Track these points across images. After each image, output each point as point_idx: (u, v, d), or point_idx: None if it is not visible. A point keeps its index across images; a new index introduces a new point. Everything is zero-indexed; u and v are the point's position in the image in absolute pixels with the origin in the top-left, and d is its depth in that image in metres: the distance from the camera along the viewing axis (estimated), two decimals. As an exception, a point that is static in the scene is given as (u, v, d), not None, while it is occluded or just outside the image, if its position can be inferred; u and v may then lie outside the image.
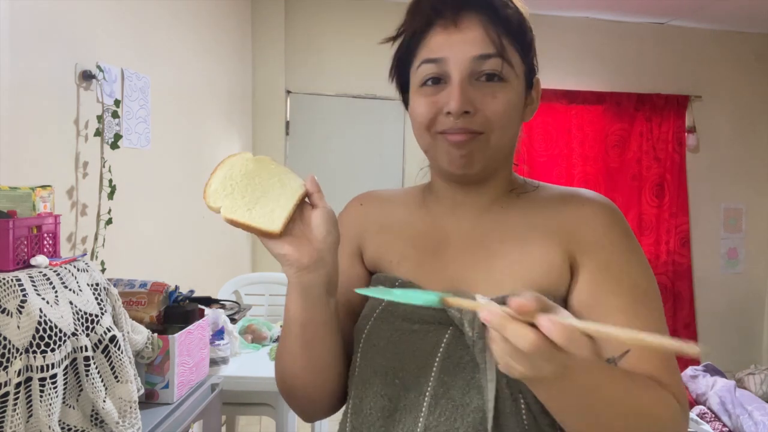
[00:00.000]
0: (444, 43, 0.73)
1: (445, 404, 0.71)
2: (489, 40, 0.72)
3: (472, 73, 0.72)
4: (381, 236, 0.85)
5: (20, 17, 1.47)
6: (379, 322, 0.77)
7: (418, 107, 0.76)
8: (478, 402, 0.70)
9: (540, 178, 4.18)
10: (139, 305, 1.48)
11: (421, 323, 0.75)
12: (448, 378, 0.72)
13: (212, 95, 2.93)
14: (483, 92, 0.72)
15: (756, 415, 2.49)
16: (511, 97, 0.74)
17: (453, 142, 0.73)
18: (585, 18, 4.02)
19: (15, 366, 0.97)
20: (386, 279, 0.81)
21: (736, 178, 4.25)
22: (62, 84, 1.65)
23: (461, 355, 0.72)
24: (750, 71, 4.23)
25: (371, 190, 0.93)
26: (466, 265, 0.78)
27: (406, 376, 0.73)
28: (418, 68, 0.76)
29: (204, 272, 2.80)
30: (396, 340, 0.75)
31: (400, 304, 0.75)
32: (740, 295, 4.28)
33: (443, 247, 0.81)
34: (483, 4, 0.73)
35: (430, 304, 0.57)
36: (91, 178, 1.78)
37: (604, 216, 0.77)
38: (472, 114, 0.72)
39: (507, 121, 0.74)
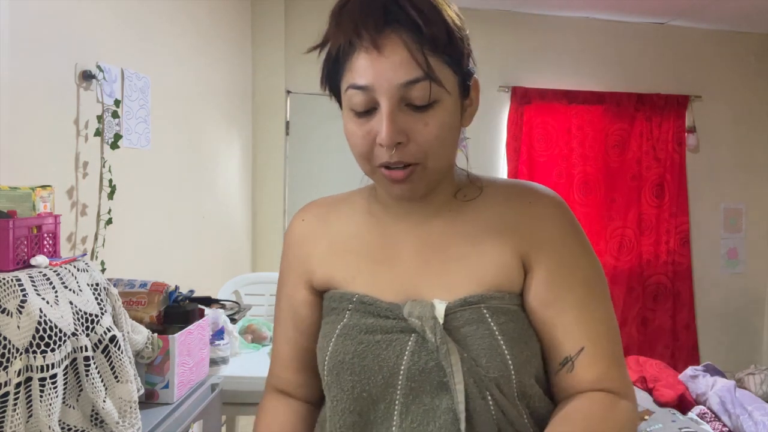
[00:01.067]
0: (368, 68, 0.69)
1: (416, 410, 0.72)
2: (414, 62, 0.68)
3: (402, 100, 0.70)
4: (330, 255, 0.83)
5: (20, 17, 1.47)
6: (342, 339, 0.76)
7: (352, 138, 0.74)
8: (448, 403, 0.71)
9: (540, 178, 4.19)
10: (139, 305, 1.48)
11: (383, 333, 0.75)
12: (415, 384, 0.72)
13: (212, 95, 2.93)
14: (414, 119, 0.70)
15: (756, 415, 2.49)
16: (444, 118, 0.72)
17: (390, 179, 0.73)
18: (585, 18, 4.02)
19: (15, 366, 0.97)
20: (342, 296, 0.80)
21: (736, 178, 4.25)
22: (62, 84, 1.65)
23: (426, 361, 0.72)
24: (750, 71, 4.23)
25: (314, 201, 0.91)
26: (421, 271, 0.78)
27: (373, 389, 0.73)
28: (346, 91, 0.73)
29: (204, 272, 2.80)
30: (360, 354, 0.74)
31: (361, 319, 0.76)
32: (740, 295, 4.28)
33: (396, 256, 0.80)
34: (405, 22, 0.68)
35: None
36: (91, 178, 1.78)
37: (554, 212, 0.79)
38: (405, 144, 0.71)
39: (442, 146, 0.73)
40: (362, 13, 0.69)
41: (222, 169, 3.11)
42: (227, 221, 3.21)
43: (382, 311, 0.76)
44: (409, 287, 0.77)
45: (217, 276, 2.90)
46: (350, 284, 0.80)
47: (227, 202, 3.21)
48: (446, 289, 0.76)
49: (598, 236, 4.06)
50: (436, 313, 0.73)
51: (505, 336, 0.72)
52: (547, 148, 4.00)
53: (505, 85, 3.96)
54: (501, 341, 0.72)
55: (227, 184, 3.20)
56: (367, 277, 0.80)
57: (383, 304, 0.76)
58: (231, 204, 3.27)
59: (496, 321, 0.73)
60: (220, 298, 2.40)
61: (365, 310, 0.77)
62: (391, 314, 0.75)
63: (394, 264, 0.80)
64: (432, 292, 0.76)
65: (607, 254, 4.07)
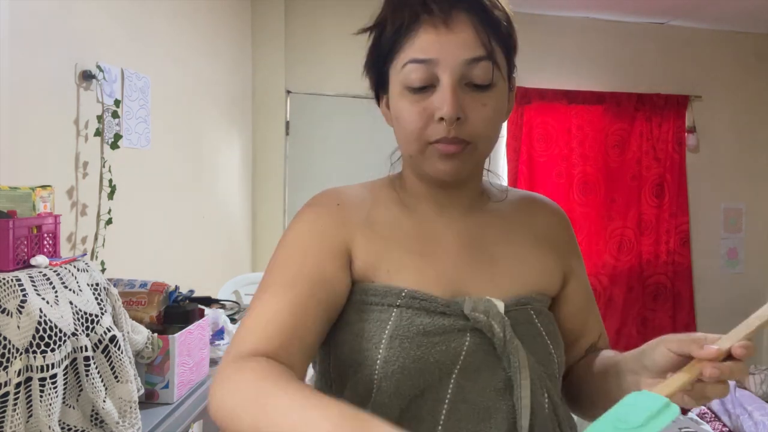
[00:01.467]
0: (434, 43, 0.70)
1: (465, 409, 0.69)
2: (480, 42, 0.70)
3: (463, 77, 0.70)
4: (372, 242, 0.76)
5: (20, 17, 1.47)
6: (399, 341, 0.69)
7: (406, 114, 0.72)
8: (507, 404, 0.70)
9: (540, 178, 4.19)
10: (139, 305, 1.48)
11: (441, 334, 0.70)
12: (466, 383, 0.70)
13: (212, 95, 2.92)
14: (473, 98, 0.71)
15: (756, 415, 2.49)
16: (499, 102, 0.74)
17: (444, 152, 0.72)
18: (585, 18, 4.02)
19: (15, 366, 0.97)
20: (388, 291, 0.72)
21: (736, 178, 4.25)
22: (62, 84, 1.65)
23: (481, 360, 0.71)
24: (750, 71, 4.23)
25: (337, 188, 0.82)
26: (467, 268, 0.77)
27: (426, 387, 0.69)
28: (403, 67, 0.72)
29: (204, 272, 2.80)
30: (419, 358, 0.69)
31: (414, 318, 0.70)
32: (740, 295, 4.28)
33: (437, 250, 0.77)
34: (473, 4, 0.71)
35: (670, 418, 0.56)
36: (91, 178, 1.78)
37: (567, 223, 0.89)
38: (463, 121, 0.71)
39: (495, 130, 0.75)
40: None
41: (222, 169, 3.11)
42: (227, 221, 3.21)
43: (438, 307, 0.71)
44: (455, 283, 0.75)
45: (217, 276, 2.90)
46: (394, 277, 0.73)
47: (227, 202, 3.21)
48: (492, 288, 0.76)
49: (597, 236, 4.06)
50: (497, 309, 0.73)
51: (549, 336, 0.76)
52: (547, 148, 4.00)
53: (505, 85, 3.96)
54: (548, 342, 0.75)
55: (227, 184, 3.20)
56: (411, 270, 0.74)
57: (440, 300, 0.72)
58: (231, 204, 3.27)
59: (542, 322, 0.76)
60: (220, 298, 2.40)
61: (418, 307, 0.71)
62: (449, 310, 0.71)
63: (437, 258, 0.76)
64: (480, 290, 0.75)
65: (606, 254, 4.07)
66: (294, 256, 0.74)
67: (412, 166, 0.80)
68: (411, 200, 0.81)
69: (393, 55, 0.74)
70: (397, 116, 0.75)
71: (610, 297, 4.08)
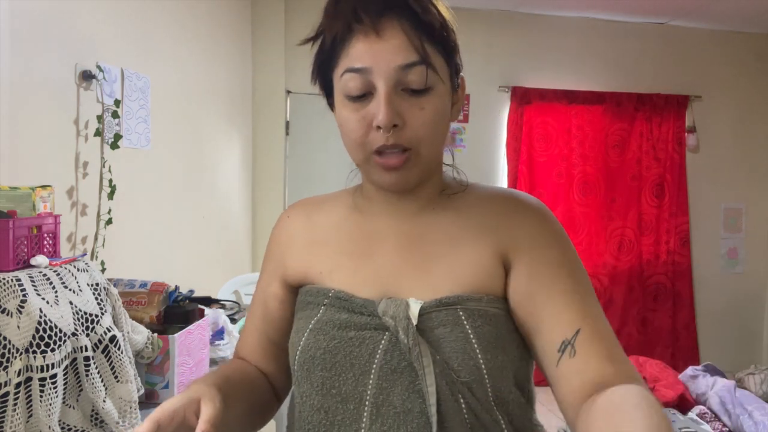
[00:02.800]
0: (366, 52, 0.71)
1: (386, 412, 0.70)
2: (412, 47, 0.70)
3: (398, 83, 0.71)
4: (308, 249, 0.83)
5: (20, 17, 1.47)
6: (314, 333, 0.75)
7: (347, 123, 0.74)
8: (420, 406, 0.69)
9: (540, 178, 4.19)
10: (139, 305, 1.48)
11: (357, 330, 0.73)
12: (387, 384, 0.71)
13: (212, 95, 2.92)
14: (410, 104, 0.71)
15: (756, 415, 2.49)
16: (438, 104, 0.73)
17: (385, 166, 0.73)
18: (585, 18, 4.02)
19: (15, 366, 0.97)
20: (319, 291, 0.79)
21: (736, 178, 4.25)
22: (62, 84, 1.65)
23: (399, 360, 0.71)
24: (750, 71, 4.23)
25: (304, 199, 0.92)
26: (400, 268, 0.77)
27: (343, 387, 0.72)
28: (341, 76, 0.73)
29: (204, 272, 2.80)
30: (332, 350, 0.73)
31: (335, 314, 0.75)
32: (740, 295, 4.28)
33: (375, 251, 0.79)
34: (403, 9, 0.71)
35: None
36: (91, 178, 1.78)
37: (537, 217, 0.79)
38: (401, 127, 0.71)
39: (436, 132, 0.74)
40: (361, 1, 0.71)
41: (222, 169, 3.11)
42: (227, 221, 3.21)
43: (356, 307, 0.75)
44: (387, 284, 0.76)
45: (217, 276, 2.90)
46: (327, 279, 0.79)
47: (227, 202, 3.21)
48: (425, 288, 0.75)
49: (598, 236, 4.06)
50: (410, 312, 0.72)
51: (479, 339, 0.71)
52: (547, 148, 4.00)
53: (505, 85, 3.96)
54: (475, 345, 0.70)
55: (227, 184, 3.20)
56: (345, 271, 0.79)
57: (358, 300, 0.75)
58: (231, 204, 3.27)
59: (472, 324, 0.71)
60: (220, 298, 2.40)
61: (340, 306, 0.76)
62: (365, 311, 0.74)
63: (373, 259, 0.79)
64: (410, 290, 0.75)
65: (606, 254, 4.07)
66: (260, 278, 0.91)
67: (362, 173, 0.82)
68: (364, 203, 0.84)
69: (333, 65, 0.75)
70: (340, 124, 0.76)
71: (611, 297, 4.08)
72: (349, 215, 0.84)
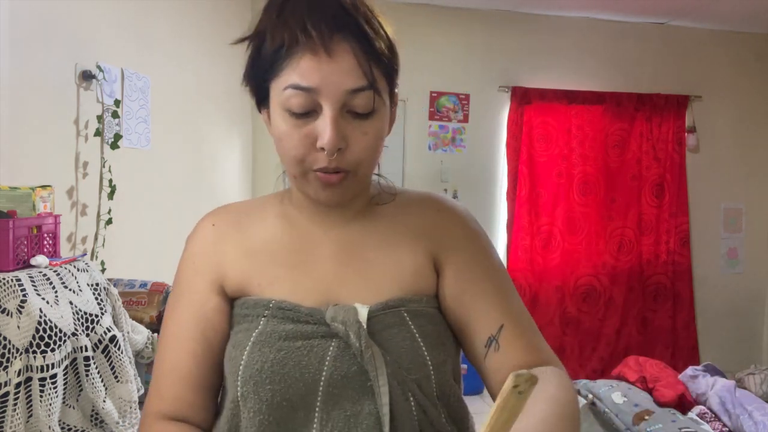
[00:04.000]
0: (315, 71, 0.68)
1: (337, 416, 0.70)
2: (361, 71, 0.69)
3: (344, 106, 0.70)
4: (243, 259, 0.80)
5: (20, 17, 1.47)
6: (258, 346, 0.72)
7: (287, 138, 0.72)
8: (370, 407, 0.70)
9: (540, 178, 4.19)
10: (139, 305, 1.48)
11: (304, 339, 0.72)
12: (337, 390, 0.71)
13: (212, 95, 2.93)
14: (353, 126, 0.71)
15: (756, 415, 2.49)
16: (380, 128, 0.74)
17: (325, 182, 0.73)
18: (585, 18, 4.02)
19: (15, 366, 0.97)
20: (257, 303, 0.76)
21: (736, 178, 4.25)
22: (62, 84, 1.65)
23: (348, 366, 0.71)
24: (750, 71, 4.23)
25: (223, 206, 0.89)
26: (340, 276, 0.78)
27: (293, 397, 0.71)
28: (284, 90, 0.71)
29: (204, 272, 2.79)
30: (280, 361, 0.71)
31: (278, 325, 0.73)
32: (740, 295, 4.28)
33: (313, 260, 0.79)
34: (354, 30, 0.69)
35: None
36: (91, 178, 1.78)
37: (460, 219, 0.83)
38: (343, 150, 0.71)
39: (374, 155, 0.75)
40: (311, 14, 0.68)
41: (222, 169, 3.11)
42: (227, 221, 3.21)
43: (301, 316, 0.74)
44: (328, 292, 0.76)
45: (217, 276, 2.90)
46: (266, 290, 0.77)
47: (227, 202, 3.21)
48: (366, 293, 0.76)
49: (597, 236, 4.06)
50: (359, 317, 0.72)
51: (424, 338, 0.74)
52: (547, 148, 4.00)
53: (505, 85, 3.96)
54: (421, 343, 0.73)
55: (227, 183, 3.20)
56: (284, 282, 0.77)
57: (303, 309, 0.74)
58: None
59: (416, 324, 0.74)
60: (220, 298, 2.40)
61: (283, 316, 0.74)
62: (312, 319, 0.74)
63: (313, 268, 0.78)
64: (352, 296, 0.76)
65: (606, 254, 4.07)
66: (178, 298, 0.82)
67: (296, 186, 0.80)
68: (294, 213, 0.83)
69: (273, 75, 0.73)
70: (278, 137, 0.75)
71: (610, 297, 4.08)
72: (280, 224, 0.82)
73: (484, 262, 0.81)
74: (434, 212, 0.83)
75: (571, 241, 4.03)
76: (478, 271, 0.79)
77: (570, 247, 4.02)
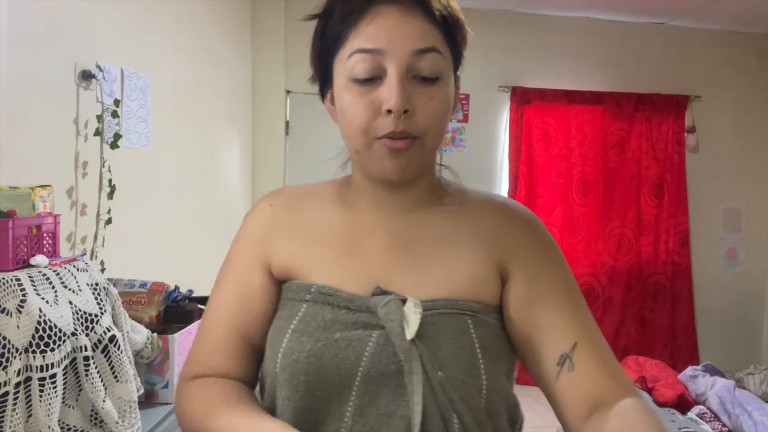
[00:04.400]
0: (381, 33, 0.68)
1: (369, 413, 0.68)
2: (428, 33, 0.69)
3: (410, 69, 0.69)
4: (292, 242, 0.78)
5: (20, 17, 1.47)
6: (297, 335, 0.71)
7: (352, 107, 0.70)
8: (404, 410, 0.67)
9: (539, 178, 4.19)
10: (138, 305, 1.48)
11: (343, 330, 0.70)
12: (373, 387, 0.68)
13: (212, 95, 2.92)
14: (420, 92, 0.69)
15: (755, 415, 2.49)
16: (446, 97, 0.72)
17: (392, 149, 0.70)
18: (585, 18, 4.02)
19: (14, 366, 0.97)
20: (300, 287, 0.75)
21: (736, 178, 4.25)
22: (62, 84, 1.65)
23: (387, 363, 0.68)
24: (750, 71, 4.23)
25: (284, 187, 0.88)
26: (391, 267, 0.74)
27: (327, 388, 0.69)
28: (349, 58, 0.69)
29: (204, 272, 2.79)
30: (317, 353, 0.69)
31: (318, 312, 0.71)
32: (740, 295, 4.28)
33: (365, 247, 0.76)
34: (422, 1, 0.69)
35: None
36: (91, 177, 1.78)
37: (531, 226, 0.79)
38: (410, 114, 0.69)
39: (442, 124, 0.72)
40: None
41: (222, 169, 3.11)
42: (227, 221, 3.21)
43: (342, 302, 0.71)
44: (374, 280, 0.73)
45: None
46: (312, 274, 0.75)
47: (227, 202, 3.21)
48: (416, 290, 0.72)
49: (597, 236, 4.06)
50: (410, 311, 0.68)
51: (484, 350, 0.69)
52: (546, 148, 4.00)
53: (505, 85, 3.96)
54: (479, 355, 0.69)
55: (227, 183, 3.20)
56: (331, 267, 0.75)
57: (343, 294, 0.72)
58: (230, 203, 3.27)
59: (478, 333, 0.70)
60: (220, 297, 2.40)
61: (324, 301, 0.72)
62: (352, 305, 0.71)
63: (362, 256, 0.75)
64: (400, 290, 0.72)
65: (605, 254, 4.08)
66: (226, 272, 0.83)
67: (359, 163, 0.77)
68: (353, 198, 0.80)
69: (339, 46, 0.72)
70: (342, 110, 0.72)
71: (609, 297, 4.08)
72: (335, 209, 0.80)
73: (558, 274, 0.76)
74: (502, 216, 0.79)
75: (571, 240, 4.03)
76: (550, 282, 0.74)
77: (569, 247, 4.02)
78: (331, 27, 0.72)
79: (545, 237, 0.79)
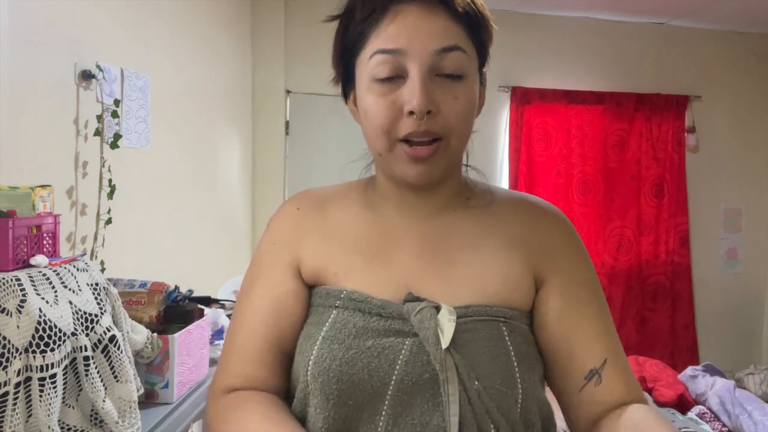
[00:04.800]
0: (402, 32, 0.67)
1: (403, 423, 0.66)
2: (451, 31, 0.68)
3: (432, 69, 0.67)
4: (322, 246, 0.76)
5: (20, 17, 1.47)
6: (328, 342, 0.69)
7: (374, 108, 0.69)
8: (439, 420, 0.65)
9: (540, 178, 4.18)
10: (138, 305, 1.48)
11: (375, 337, 0.68)
12: (406, 396, 0.66)
13: (212, 95, 2.92)
14: (443, 91, 0.68)
15: (755, 415, 2.49)
16: (471, 95, 0.70)
17: (412, 156, 0.68)
18: (585, 18, 4.02)
19: (14, 366, 0.97)
20: (330, 293, 0.73)
21: (736, 178, 4.25)
22: (62, 84, 1.65)
23: (421, 372, 0.66)
24: (750, 71, 4.23)
25: (309, 189, 0.85)
26: (420, 273, 0.72)
27: (360, 397, 0.67)
28: (370, 59, 0.68)
29: (204, 272, 2.80)
30: (349, 361, 0.67)
31: (349, 319, 0.69)
32: (740, 295, 4.28)
33: (393, 252, 0.74)
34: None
35: None
36: (91, 177, 1.78)
37: (562, 228, 0.78)
38: (434, 114, 0.67)
39: (467, 124, 0.71)
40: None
41: (222, 169, 3.11)
42: (227, 221, 3.21)
43: (373, 308, 0.69)
44: (405, 287, 0.71)
45: (217, 276, 2.90)
46: (341, 280, 0.73)
47: (227, 202, 3.21)
48: (447, 295, 0.70)
49: (597, 236, 4.06)
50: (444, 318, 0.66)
51: (519, 358, 0.68)
52: (546, 148, 4.00)
53: (505, 85, 3.96)
54: (515, 363, 0.68)
55: (227, 183, 3.20)
56: (360, 273, 0.73)
57: (374, 301, 0.70)
58: (231, 204, 3.27)
59: (513, 341, 0.69)
60: (220, 298, 2.40)
61: (354, 308, 0.70)
62: (384, 312, 0.69)
63: (391, 261, 0.73)
64: (428, 294, 0.70)
65: (605, 254, 4.08)
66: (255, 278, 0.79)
67: (382, 165, 0.75)
68: (378, 201, 0.79)
69: (360, 46, 0.71)
70: (365, 111, 0.71)
71: (609, 297, 4.08)
72: (361, 213, 0.78)
73: (587, 281, 0.75)
74: (535, 218, 0.77)
75: (571, 241, 4.02)
76: (582, 292, 0.74)
77: (570, 247, 4.01)
78: (352, 27, 0.71)
79: (578, 241, 0.78)
